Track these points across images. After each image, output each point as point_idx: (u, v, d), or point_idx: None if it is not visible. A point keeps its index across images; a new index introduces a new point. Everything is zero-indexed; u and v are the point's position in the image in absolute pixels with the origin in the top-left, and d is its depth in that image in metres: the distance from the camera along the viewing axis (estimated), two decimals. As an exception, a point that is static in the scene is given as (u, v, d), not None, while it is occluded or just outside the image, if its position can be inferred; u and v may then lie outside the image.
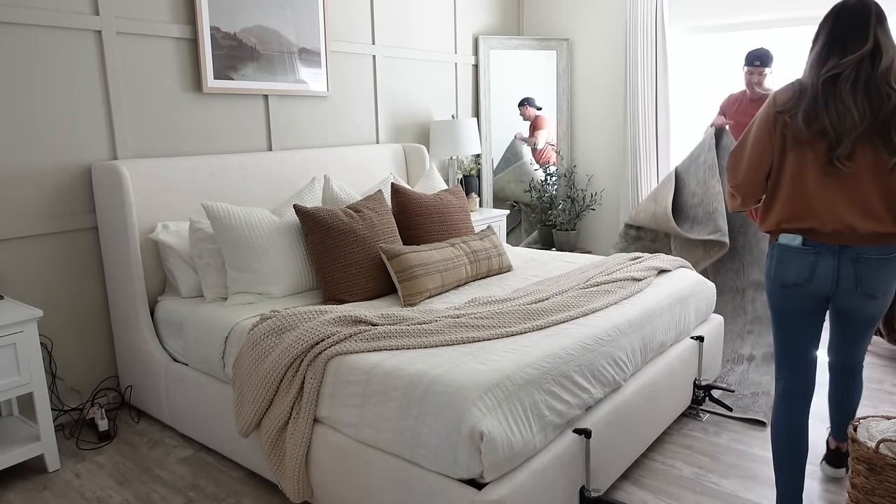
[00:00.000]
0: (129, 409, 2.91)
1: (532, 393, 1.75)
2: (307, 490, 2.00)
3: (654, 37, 4.40)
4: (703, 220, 3.54)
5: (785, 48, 4.11)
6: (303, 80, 3.51)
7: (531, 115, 4.89)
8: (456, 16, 4.54)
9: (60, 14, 2.61)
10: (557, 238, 4.74)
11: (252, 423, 2.10)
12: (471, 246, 2.87)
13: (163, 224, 2.80)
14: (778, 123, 1.79)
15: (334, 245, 2.58)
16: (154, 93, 2.94)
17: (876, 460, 1.79)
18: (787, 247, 1.82)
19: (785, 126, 1.78)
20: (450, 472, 1.64)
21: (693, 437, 2.55)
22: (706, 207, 3.54)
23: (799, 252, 1.79)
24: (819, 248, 1.77)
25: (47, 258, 2.69)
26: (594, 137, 4.93)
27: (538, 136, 4.91)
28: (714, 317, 2.96)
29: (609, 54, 4.76)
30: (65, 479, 2.35)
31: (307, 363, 1.98)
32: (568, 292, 2.50)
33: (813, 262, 1.78)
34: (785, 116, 1.77)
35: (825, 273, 1.77)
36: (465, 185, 4.51)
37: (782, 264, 1.83)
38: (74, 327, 2.80)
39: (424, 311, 2.30)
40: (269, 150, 3.44)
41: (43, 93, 2.61)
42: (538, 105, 4.90)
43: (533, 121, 4.90)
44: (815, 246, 1.77)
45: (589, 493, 1.90)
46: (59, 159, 2.68)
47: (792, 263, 1.81)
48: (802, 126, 1.73)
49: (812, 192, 1.76)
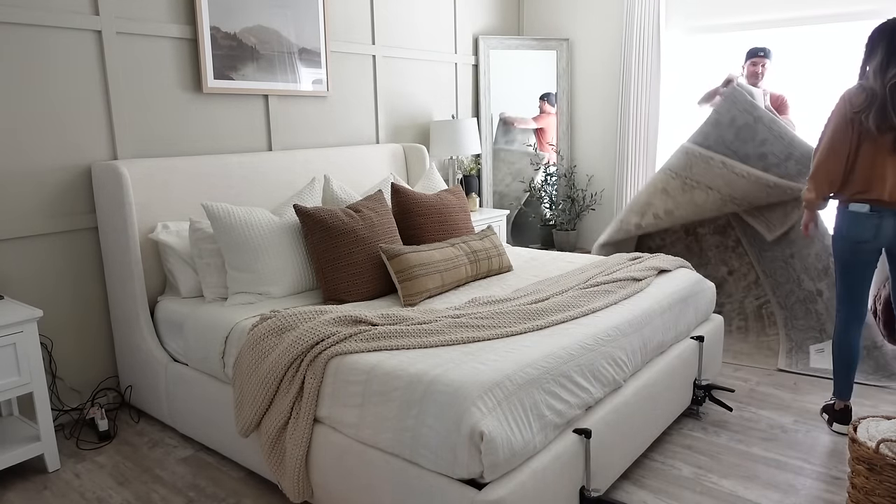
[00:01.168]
0: (129, 409, 2.91)
1: (532, 393, 1.75)
2: (307, 490, 2.00)
3: (653, 37, 4.40)
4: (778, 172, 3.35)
5: (782, 48, 4.11)
6: (303, 80, 3.51)
7: (546, 111, 4.91)
8: (456, 16, 4.54)
9: (60, 14, 2.61)
10: (557, 238, 4.74)
11: (252, 423, 2.10)
12: (471, 246, 2.87)
13: (163, 224, 2.80)
14: (854, 122, 2.36)
15: (334, 245, 2.58)
16: (154, 93, 2.94)
17: (876, 460, 1.79)
18: (857, 213, 2.43)
19: (860, 124, 2.34)
20: (450, 473, 1.64)
21: (693, 437, 2.55)
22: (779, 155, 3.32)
23: (867, 216, 2.41)
24: (882, 213, 2.38)
25: (47, 258, 2.69)
26: (594, 137, 4.93)
27: (531, 123, 4.93)
28: (714, 317, 2.96)
29: (609, 54, 4.76)
30: (65, 479, 2.35)
31: (307, 363, 1.98)
32: (568, 292, 2.50)
33: (877, 223, 2.40)
34: (860, 116, 2.33)
35: (886, 230, 2.39)
36: (465, 185, 4.51)
37: (854, 226, 2.44)
38: (74, 327, 2.80)
39: (424, 311, 2.30)
40: (269, 150, 3.44)
41: (43, 93, 2.61)
42: (553, 103, 4.93)
43: (542, 119, 4.92)
44: (879, 211, 2.39)
45: (589, 493, 1.90)
46: (59, 159, 2.68)
47: (861, 225, 2.42)
48: (875, 123, 2.29)
49: (878, 173, 2.36)
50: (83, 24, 2.68)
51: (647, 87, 4.47)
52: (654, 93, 4.47)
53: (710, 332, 2.80)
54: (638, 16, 4.42)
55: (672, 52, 4.50)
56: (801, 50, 4.09)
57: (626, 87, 4.55)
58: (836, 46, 3.97)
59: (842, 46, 3.95)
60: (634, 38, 4.46)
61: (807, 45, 4.07)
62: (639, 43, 4.45)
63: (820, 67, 4.03)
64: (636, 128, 4.54)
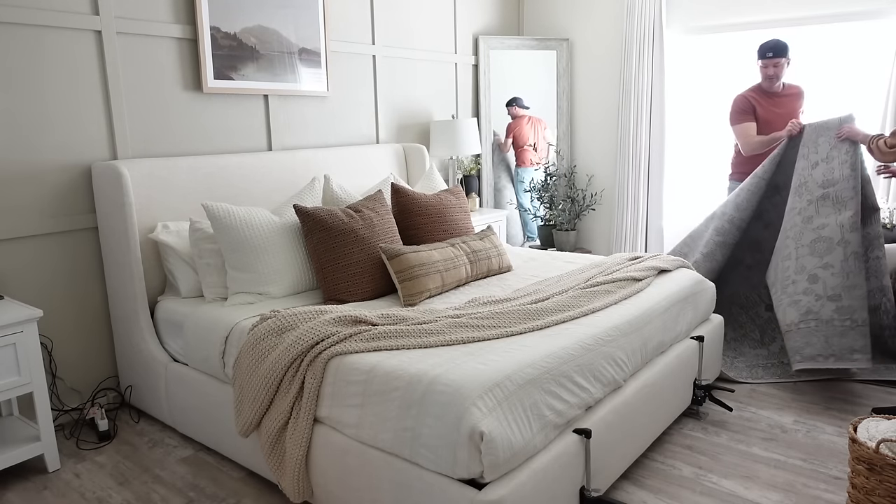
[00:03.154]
0: (129, 409, 2.91)
1: (532, 393, 1.75)
2: (307, 490, 2.01)
3: (653, 37, 4.40)
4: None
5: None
6: (303, 80, 3.51)
7: (515, 115, 4.89)
8: (456, 16, 4.54)
9: (60, 14, 2.61)
10: (557, 238, 4.74)
11: (252, 423, 2.10)
12: (471, 246, 2.87)
13: (163, 224, 2.80)
14: None
15: (334, 245, 2.58)
16: (154, 93, 2.94)
17: (876, 460, 1.79)
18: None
19: None
20: (450, 473, 1.64)
21: (693, 437, 2.55)
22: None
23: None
24: None
25: (47, 258, 2.69)
26: (594, 137, 4.93)
27: (507, 143, 4.90)
28: (714, 317, 2.96)
29: (609, 54, 4.76)
30: (65, 479, 2.35)
31: (307, 363, 1.98)
32: (568, 292, 2.50)
33: None
34: None
35: None
36: (465, 185, 4.51)
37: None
38: (74, 327, 2.80)
39: (424, 311, 2.30)
40: (269, 150, 3.44)
41: (43, 93, 2.61)
42: (525, 105, 4.89)
43: (507, 126, 4.89)
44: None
45: (589, 493, 1.90)
46: (59, 159, 2.68)
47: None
48: None
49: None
50: (83, 24, 2.68)
51: (647, 87, 4.47)
52: (655, 93, 4.47)
53: (710, 332, 2.80)
54: (638, 16, 4.42)
55: (672, 52, 4.49)
56: (801, 50, 4.09)
57: (626, 87, 4.55)
58: (836, 46, 3.98)
59: (842, 46, 3.96)
60: (635, 38, 4.46)
61: (808, 45, 4.07)
62: (639, 43, 4.45)
63: (820, 67, 4.03)
64: (636, 128, 4.53)
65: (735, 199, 3.36)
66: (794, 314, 2.94)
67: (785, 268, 3.08)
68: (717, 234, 3.39)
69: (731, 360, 3.22)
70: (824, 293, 2.90)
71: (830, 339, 2.83)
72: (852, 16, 3.83)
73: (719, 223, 3.40)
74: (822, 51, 4.02)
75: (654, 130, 4.52)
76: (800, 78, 4.07)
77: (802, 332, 2.90)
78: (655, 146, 4.53)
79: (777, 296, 3.07)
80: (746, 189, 3.33)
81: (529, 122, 4.91)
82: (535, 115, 4.93)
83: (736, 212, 3.35)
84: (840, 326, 2.84)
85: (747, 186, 3.33)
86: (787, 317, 2.96)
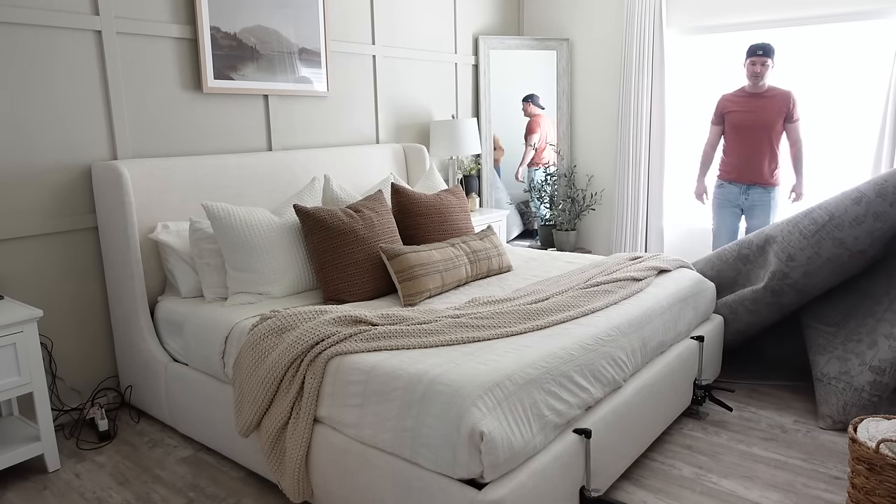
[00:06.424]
0: (129, 409, 2.91)
1: (532, 393, 1.75)
2: (307, 490, 2.00)
3: (652, 37, 4.40)
4: None
5: (783, 48, 4.11)
6: (303, 79, 3.50)
7: (532, 114, 4.89)
8: (456, 16, 4.54)
9: (60, 14, 2.61)
10: (557, 238, 4.74)
11: (252, 423, 2.10)
12: (471, 246, 2.87)
13: (163, 224, 2.80)
14: None
15: (334, 245, 2.58)
16: (154, 93, 2.94)
17: (876, 460, 1.79)
18: None
19: None
20: (450, 472, 1.64)
21: (693, 437, 2.55)
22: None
23: None
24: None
25: (47, 258, 2.69)
26: (594, 137, 4.93)
27: (531, 139, 4.90)
28: (714, 317, 2.96)
29: (609, 54, 4.76)
30: (65, 479, 2.35)
31: (307, 363, 1.98)
32: (568, 292, 2.50)
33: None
34: None
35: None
36: (465, 185, 4.51)
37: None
38: (74, 327, 2.80)
39: (424, 311, 2.30)
40: (269, 150, 3.44)
41: (43, 93, 2.61)
42: (541, 104, 4.89)
43: (528, 123, 4.89)
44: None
45: (589, 493, 1.90)
46: (59, 159, 2.68)
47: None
48: None
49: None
50: (83, 24, 2.68)
51: (647, 87, 4.47)
52: (655, 93, 4.47)
53: (710, 332, 2.80)
54: (638, 16, 4.42)
55: (672, 52, 4.49)
56: (801, 50, 4.09)
57: (626, 87, 4.55)
58: (836, 46, 3.97)
59: (842, 46, 3.96)
60: (635, 38, 4.46)
61: (807, 45, 4.07)
62: (639, 43, 4.45)
63: (820, 67, 4.03)
64: (636, 128, 4.53)
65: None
66: (836, 367, 2.69)
67: (866, 312, 2.77)
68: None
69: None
70: (870, 361, 2.59)
71: (849, 407, 2.58)
72: (852, 16, 3.83)
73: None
74: (822, 51, 4.02)
75: (654, 130, 4.52)
76: (800, 78, 4.07)
77: (828, 389, 2.67)
78: (655, 146, 4.53)
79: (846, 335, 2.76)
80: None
81: (546, 121, 4.92)
82: (536, 115, 4.93)
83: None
84: (868, 402, 2.57)
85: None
86: (828, 366, 2.73)
